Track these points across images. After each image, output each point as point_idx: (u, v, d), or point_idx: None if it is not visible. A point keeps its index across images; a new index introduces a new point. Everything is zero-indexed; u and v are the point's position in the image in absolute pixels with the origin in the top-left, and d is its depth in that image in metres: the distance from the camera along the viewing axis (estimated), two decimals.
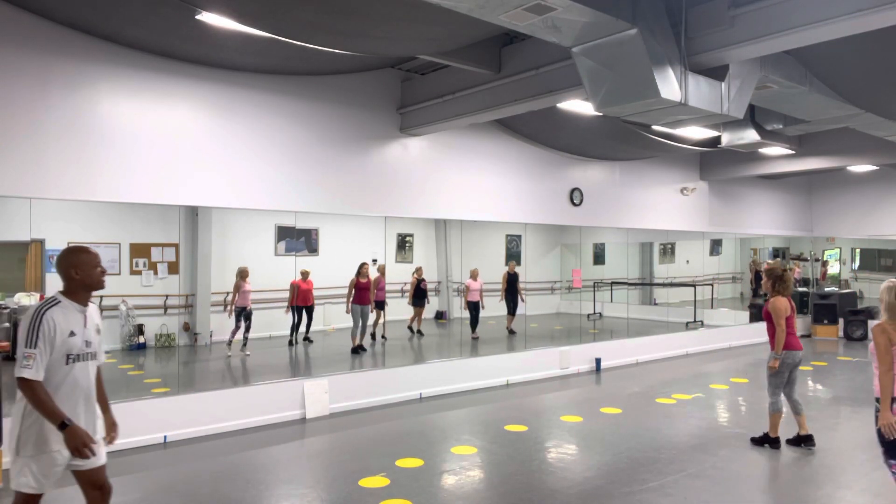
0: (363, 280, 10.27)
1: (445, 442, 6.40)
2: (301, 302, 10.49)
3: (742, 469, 5.53)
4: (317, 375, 7.72)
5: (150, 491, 5.11)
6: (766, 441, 6.14)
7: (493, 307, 12.37)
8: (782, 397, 6.09)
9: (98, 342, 3.34)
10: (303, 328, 10.65)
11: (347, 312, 10.34)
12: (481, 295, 11.84)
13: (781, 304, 6.07)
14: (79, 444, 3.00)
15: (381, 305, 10.86)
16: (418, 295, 11.94)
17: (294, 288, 10.41)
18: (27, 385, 2.95)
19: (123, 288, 10.37)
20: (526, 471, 5.50)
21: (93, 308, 3.31)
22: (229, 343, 10.03)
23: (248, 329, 10.10)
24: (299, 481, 5.28)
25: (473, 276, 11.76)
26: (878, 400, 3.88)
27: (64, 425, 2.98)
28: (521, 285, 12.51)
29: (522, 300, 12.47)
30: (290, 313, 10.56)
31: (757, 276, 15.52)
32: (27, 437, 3.03)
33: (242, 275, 10.09)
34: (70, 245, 3.27)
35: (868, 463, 5.63)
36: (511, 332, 12.29)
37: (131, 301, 10.37)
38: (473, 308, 11.77)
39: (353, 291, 10.28)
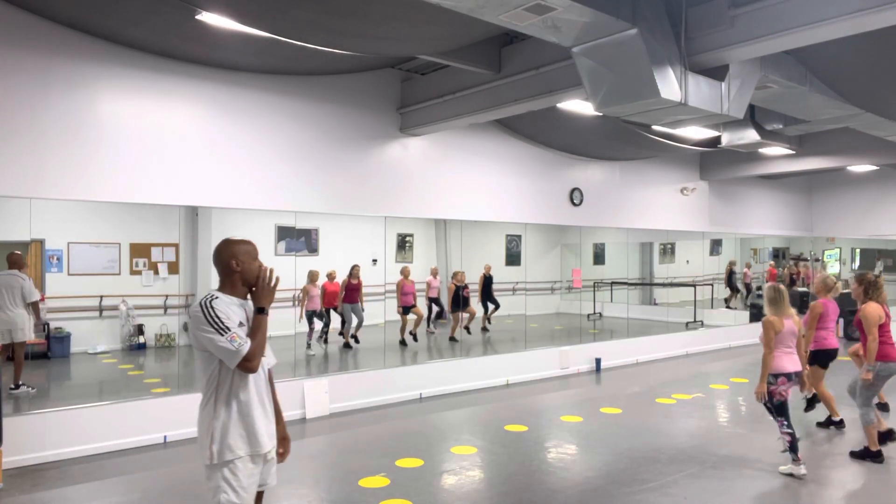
0: (354, 281, 10.43)
1: (445, 442, 6.40)
2: (328, 304, 10.55)
3: (742, 469, 5.53)
4: (317, 375, 7.72)
5: (150, 491, 5.11)
6: (868, 455, 5.67)
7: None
8: (872, 409, 5.66)
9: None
10: (336, 326, 10.77)
11: (338, 312, 10.51)
12: (439, 293, 12.01)
13: (873, 310, 5.67)
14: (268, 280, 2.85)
15: (407, 310, 10.79)
16: (456, 302, 11.41)
17: (322, 290, 10.47)
18: (250, 360, 2.71)
19: (123, 288, 10.37)
20: (526, 471, 5.50)
21: (250, 304, 2.93)
22: (308, 344, 10.13)
23: (326, 325, 10.44)
24: (299, 481, 5.27)
25: (433, 273, 11.89)
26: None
27: (262, 310, 2.82)
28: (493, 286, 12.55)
29: (493, 303, 12.53)
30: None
31: (730, 278, 15.60)
32: (220, 443, 2.73)
33: (311, 278, 10.18)
34: (228, 237, 2.93)
35: (868, 464, 5.63)
36: (484, 329, 12.40)
37: (131, 301, 10.38)
38: (435, 303, 11.96)
39: (344, 291, 10.44)
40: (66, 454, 5.82)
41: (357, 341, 10.43)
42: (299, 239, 11.77)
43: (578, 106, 7.32)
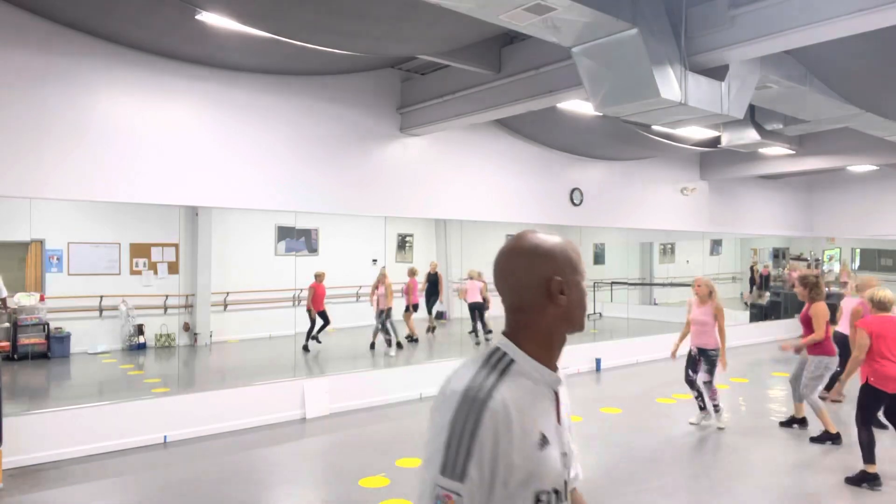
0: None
1: None
2: (317, 307, 10.37)
3: (742, 469, 5.53)
4: (317, 375, 7.72)
5: (150, 491, 5.11)
6: (828, 438, 6.12)
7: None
8: None
9: (573, 451, 1.60)
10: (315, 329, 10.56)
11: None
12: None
13: (824, 309, 6.01)
14: None
15: (479, 307, 10.78)
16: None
17: (311, 291, 10.32)
18: None
19: (123, 288, 10.38)
20: None
21: (563, 375, 1.50)
22: (372, 345, 10.13)
23: (386, 331, 10.10)
24: (299, 481, 5.28)
25: (412, 273, 11.52)
26: None
27: None
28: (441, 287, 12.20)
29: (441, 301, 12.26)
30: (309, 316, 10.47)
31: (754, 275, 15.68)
32: None
33: (380, 278, 10.08)
34: (519, 235, 1.44)
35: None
36: (430, 329, 11.97)
37: (131, 301, 10.38)
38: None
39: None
40: (66, 454, 5.82)
41: (318, 342, 10.33)
42: (299, 239, 11.78)
43: (578, 106, 7.32)
